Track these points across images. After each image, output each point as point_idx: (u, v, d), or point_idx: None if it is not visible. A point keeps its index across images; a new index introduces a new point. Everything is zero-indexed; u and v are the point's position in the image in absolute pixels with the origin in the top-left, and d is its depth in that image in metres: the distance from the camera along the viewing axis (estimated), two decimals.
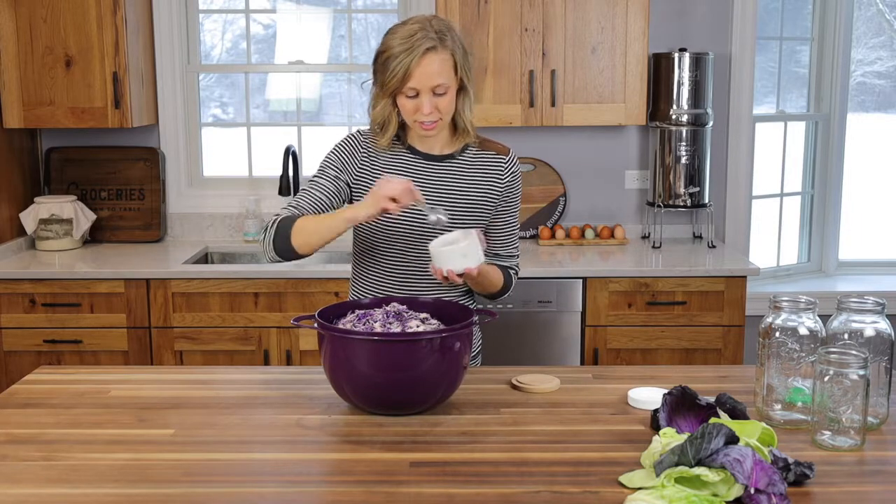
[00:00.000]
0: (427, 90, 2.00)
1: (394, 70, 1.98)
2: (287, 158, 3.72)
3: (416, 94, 2.01)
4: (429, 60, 1.98)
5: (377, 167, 2.12)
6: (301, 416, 1.83)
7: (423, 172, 2.13)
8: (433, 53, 1.98)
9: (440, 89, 2.01)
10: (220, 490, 1.52)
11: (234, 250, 3.80)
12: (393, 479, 1.54)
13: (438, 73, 1.99)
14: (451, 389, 1.84)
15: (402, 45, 1.98)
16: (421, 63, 1.97)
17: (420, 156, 2.14)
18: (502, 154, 2.19)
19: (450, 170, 2.14)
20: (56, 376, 2.13)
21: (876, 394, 1.73)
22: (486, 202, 2.16)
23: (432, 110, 2.01)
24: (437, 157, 2.14)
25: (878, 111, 8.05)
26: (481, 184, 2.15)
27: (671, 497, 1.37)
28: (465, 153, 2.16)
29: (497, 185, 2.17)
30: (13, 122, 3.49)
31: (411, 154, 2.14)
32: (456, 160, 2.15)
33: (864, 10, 6.07)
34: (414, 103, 2.02)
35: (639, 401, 1.87)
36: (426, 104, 2.01)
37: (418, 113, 2.03)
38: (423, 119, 2.03)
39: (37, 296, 3.28)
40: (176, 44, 3.80)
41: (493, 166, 2.17)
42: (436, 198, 2.11)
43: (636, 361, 3.32)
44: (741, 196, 3.91)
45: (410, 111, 2.04)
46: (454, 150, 2.16)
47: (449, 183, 2.13)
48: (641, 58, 3.50)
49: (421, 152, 2.14)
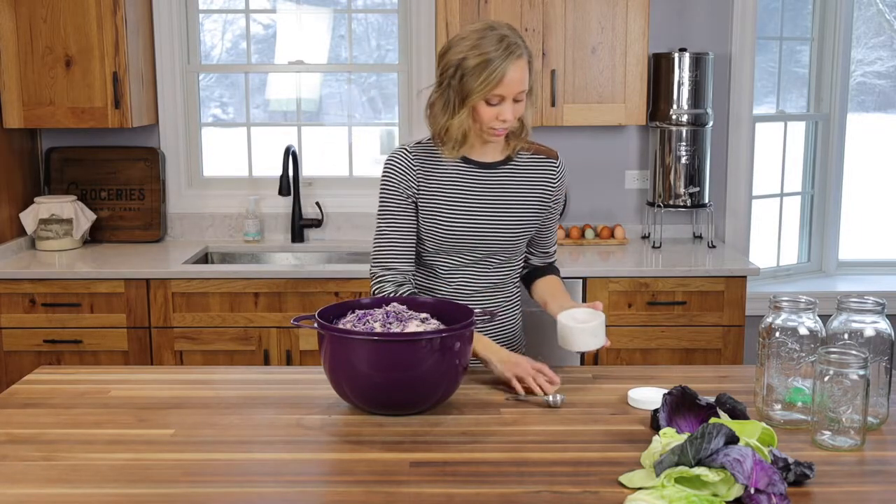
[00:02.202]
0: (511, 96, 1.98)
1: (490, 75, 1.94)
2: (287, 158, 3.72)
3: (500, 100, 1.98)
4: (518, 66, 1.97)
5: (434, 180, 2.11)
6: (301, 416, 1.83)
7: (479, 181, 2.12)
8: (521, 59, 1.97)
9: (521, 96, 2.00)
10: (220, 490, 1.52)
11: (234, 250, 3.80)
12: (393, 479, 1.54)
13: (522, 80, 1.99)
14: (451, 389, 1.85)
15: (497, 51, 1.94)
16: (510, 70, 1.95)
17: (475, 165, 2.13)
18: (552, 158, 2.20)
19: (504, 176, 2.14)
20: (56, 376, 2.13)
21: (876, 394, 1.73)
22: (540, 206, 2.17)
23: (513, 118, 2.00)
24: (490, 164, 2.14)
25: (878, 111, 8.05)
26: (535, 188, 2.16)
27: (671, 497, 1.37)
28: (516, 158, 2.16)
29: (550, 188, 2.18)
30: (13, 122, 3.49)
31: (466, 164, 2.12)
32: (508, 166, 2.15)
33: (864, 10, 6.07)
34: (496, 111, 1.99)
35: (639, 401, 1.87)
36: (508, 111, 1.99)
37: (496, 120, 2.00)
38: (497, 126, 2.01)
39: (37, 296, 3.28)
40: (176, 44, 3.80)
41: (545, 171, 2.18)
42: (492, 204, 2.12)
43: (636, 361, 3.32)
44: (741, 196, 3.91)
45: (489, 118, 2.00)
46: (503, 158, 2.15)
47: (505, 189, 2.13)
48: (641, 58, 3.50)
49: (475, 161, 2.13)
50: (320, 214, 3.86)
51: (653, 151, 3.73)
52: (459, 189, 2.11)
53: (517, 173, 2.15)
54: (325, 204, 3.86)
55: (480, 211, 2.11)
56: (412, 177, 2.10)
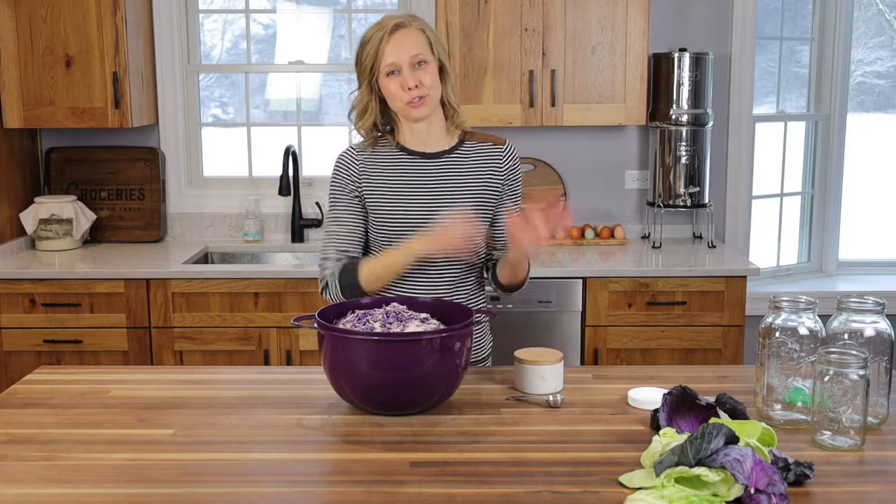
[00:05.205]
0: (406, 63, 2.03)
1: (368, 51, 2.05)
2: (287, 158, 3.72)
3: (396, 71, 2.03)
4: (401, 35, 2.04)
5: (377, 174, 2.12)
6: (301, 416, 1.83)
7: (422, 171, 2.13)
8: (403, 29, 2.05)
9: (419, 58, 2.03)
10: (220, 490, 1.52)
11: (234, 250, 3.80)
12: (393, 479, 1.54)
13: (414, 44, 2.04)
14: (451, 389, 1.84)
15: (372, 30, 2.07)
16: (393, 37, 2.03)
17: (415, 155, 2.14)
18: (499, 144, 2.19)
19: (447, 166, 2.14)
20: (56, 376, 2.13)
21: (876, 394, 1.73)
22: (489, 194, 2.16)
23: (416, 83, 2.03)
24: (432, 154, 2.14)
25: (878, 111, 8.04)
26: (481, 176, 2.15)
27: (671, 497, 1.37)
28: (460, 148, 2.16)
29: (497, 174, 2.17)
30: (13, 122, 3.49)
31: (406, 154, 2.14)
32: (452, 155, 2.15)
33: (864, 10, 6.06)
34: (397, 81, 2.04)
35: (639, 401, 1.87)
36: (409, 77, 2.03)
37: (403, 91, 2.03)
38: (409, 97, 2.04)
39: (37, 296, 3.28)
40: (176, 44, 3.80)
41: (490, 156, 2.17)
42: (436, 194, 2.11)
43: (636, 361, 3.32)
44: (741, 196, 3.91)
45: (395, 91, 2.05)
46: (449, 146, 2.16)
47: (447, 179, 2.13)
48: (641, 58, 3.50)
49: (416, 151, 2.14)
50: (320, 214, 3.86)
51: (653, 151, 3.73)
52: (401, 180, 2.12)
53: (461, 162, 2.14)
54: (325, 204, 3.86)
55: (424, 201, 2.10)
56: (355, 171, 2.13)
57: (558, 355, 1.98)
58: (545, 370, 1.95)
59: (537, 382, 1.95)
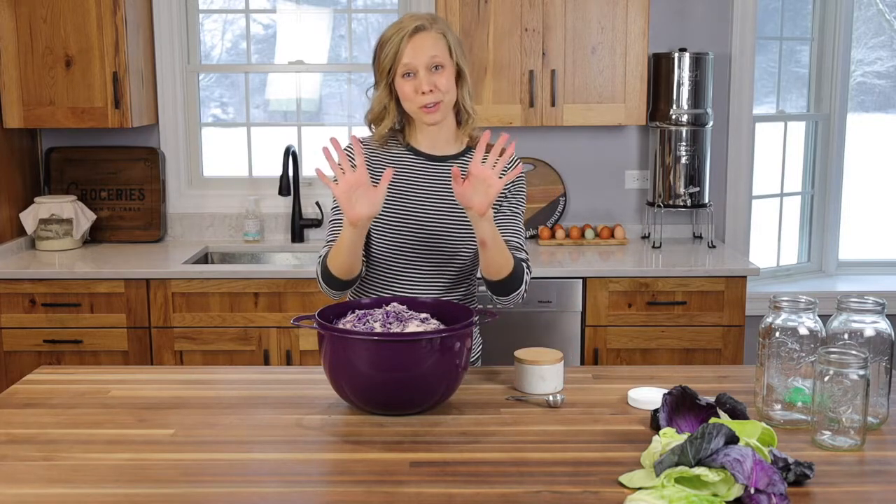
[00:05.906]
0: (423, 66, 2.01)
1: (387, 52, 2.03)
2: (287, 158, 3.72)
3: (412, 73, 2.02)
4: (420, 37, 2.02)
5: (383, 170, 2.11)
6: (301, 416, 1.83)
7: (426, 172, 2.13)
8: (424, 32, 2.03)
9: (436, 61, 2.02)
10: (220, 490, 1.52)
11: (234, 250, 3.80)
12: (393, 479, 1.54)
13: (432, 47, 2.02)
14: (451, 389, 1.84)
15: (392, 30, 2.05)
16: (412, 40, 2.02)
17: (422, 156, 2.14)
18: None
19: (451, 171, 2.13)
20: (56, 376, 2.13)
21: (876, 394, 1.73)
22: None
23: (431, 87, 2.01)
24: (439, 157, 2.14)
25: (878, 111, 8.04)
26: None
27: (671, 497, 1.37)
28: (466, 155, 2.16)
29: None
30: (13, 122, 3.49)
31: (413, 154, 2.14)
32: (460, 160, 2.15)
33: (864, 10, 6.06)
34: (412, 84, 2.03)
35: (639, 401, 1.87)
36: (424, 81, 2.01)
37: (417, 94, 2.02)
38: (423, 101, 2.02)
39: (37, 296, 3.28)
40: (176, 44, 3.80)
41: None
42: (437, 196, 2.11)
43: (636, 361, 3.32)
44: (741, 196, 3.91)
45: (409, 94, 2.03)
46: (457, 151, 2.16)
47: (450, 183, 2.12)
48: (641, 58, 3.50)
49: (423, 153, 2.14)
50: (320, 214, 3.86)
51: (653, 151, 3.73)
52: (406, 179, 2.11)
53: (465, 168, 2.13)
54: (325, 204, 3.86)
55: (424, 202, 2.10)
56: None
57: (558, 355, 1.98)
58: (545, 370, 1.95)
59: (537, 382, 1.95)
